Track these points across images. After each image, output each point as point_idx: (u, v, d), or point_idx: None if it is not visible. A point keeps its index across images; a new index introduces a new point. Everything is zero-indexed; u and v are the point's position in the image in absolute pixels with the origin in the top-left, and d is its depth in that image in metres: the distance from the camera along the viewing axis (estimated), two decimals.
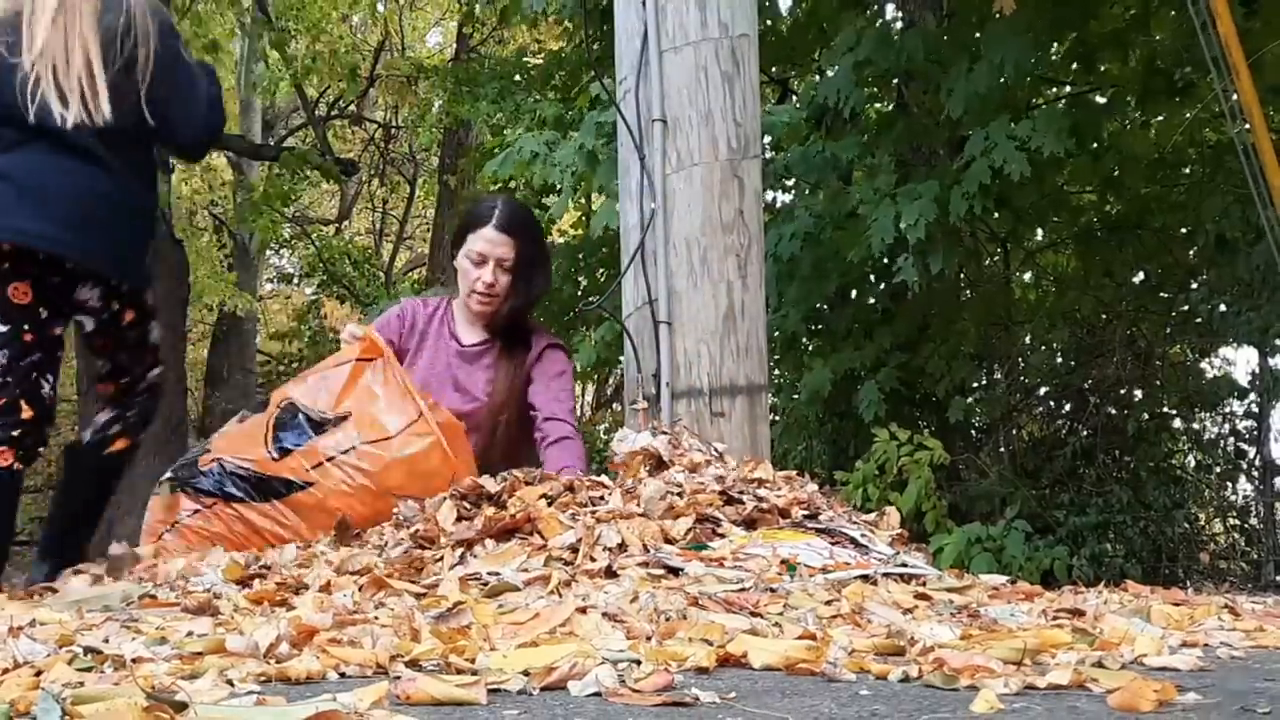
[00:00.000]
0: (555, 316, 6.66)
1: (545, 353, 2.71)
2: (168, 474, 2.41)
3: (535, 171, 5.35)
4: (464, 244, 2.66)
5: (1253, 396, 6.21)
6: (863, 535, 2.14)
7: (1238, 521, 6.38)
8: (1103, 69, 5.82)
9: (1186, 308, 6.17)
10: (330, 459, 2.28)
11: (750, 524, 2.11)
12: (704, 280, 2.61)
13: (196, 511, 2.31)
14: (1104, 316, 6.37)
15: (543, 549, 1.92)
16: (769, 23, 6.08)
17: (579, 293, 6.50)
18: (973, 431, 6.41)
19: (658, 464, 2.30)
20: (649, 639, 1.34)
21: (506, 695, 1.10)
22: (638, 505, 2.08)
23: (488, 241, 2.61)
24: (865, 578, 1.83)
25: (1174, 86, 5.31)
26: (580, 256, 6.54)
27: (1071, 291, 6.71)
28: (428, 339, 2.75)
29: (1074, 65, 5.83)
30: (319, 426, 2.32)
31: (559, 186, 5.44)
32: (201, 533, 2.31)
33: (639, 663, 1.19)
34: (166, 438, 5.42)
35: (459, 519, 2.07)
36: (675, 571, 1.82)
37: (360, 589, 1.72)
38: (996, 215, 5.76)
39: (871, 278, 5.98)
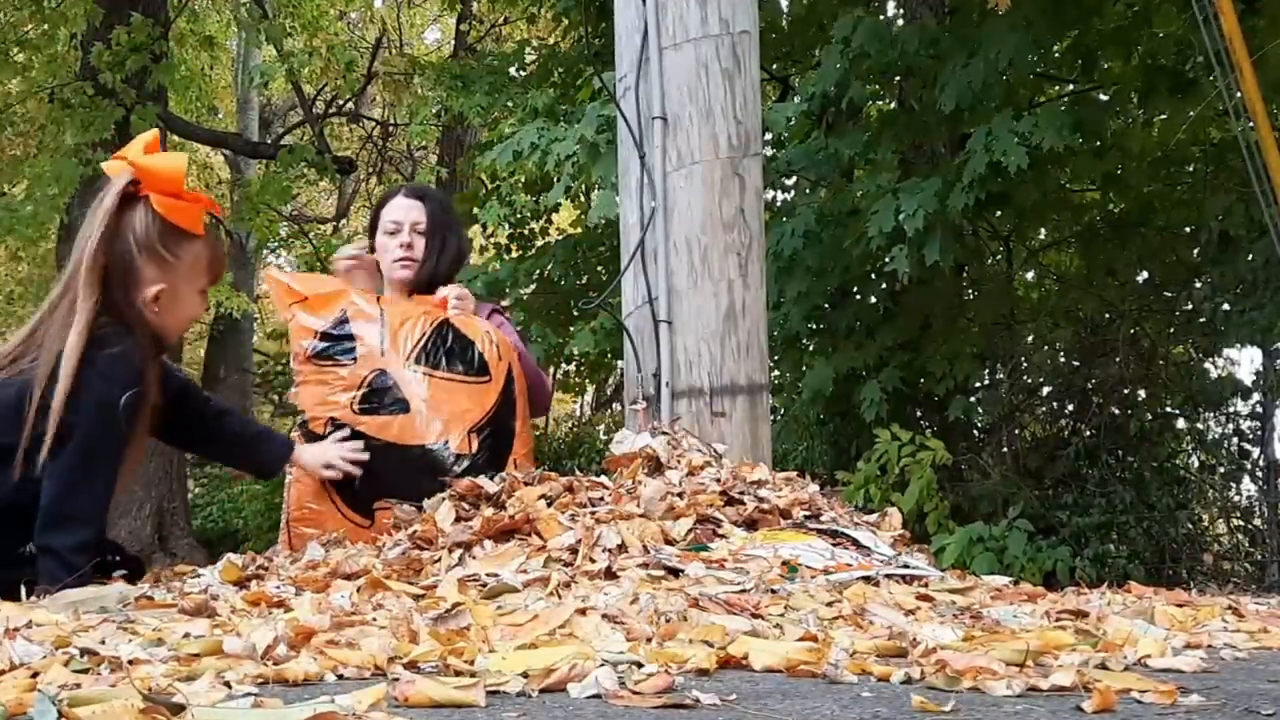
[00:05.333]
0: (554, 313, 6.64)
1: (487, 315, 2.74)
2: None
3: (533, 161, 5.31)
4: (379, 224, 2.78)
5: (1257, 396, 6.18)
6: (864, 536, 2.13)
7: (1241, 522, 6.36)
8: (1105, 66, 5.80)
9: (1190, 307, 6.15)
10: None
11: (751, 525, 2.10)
12: (704, 279, 2.60)
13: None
14: (1107, 316, 6.35)
15: (542, 550, 1.91)
16: (769, 19, 6.06)
17: (579, 288, 6.48)
18: (975, 431, 6.39)
19: (657, 465, 2.29)
20: (649, 641, 1.33)
21: (505, 697, 1.09)
22: (637, 506, 2.07)
23: (399, 208, 2.74)
24: (867, 579, 1.82)
25: (1177, 84, 5.29)
26: (579, 252, 6.52)
27: (1074, 290, 6.69)
28: None
29: (1077, 63, 5.81)
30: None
31: (556, 178, 5.40)
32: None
33: (639, 665, 1.18)
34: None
35: (457, 520, 2.06)
36: (675, 573, 1.81)
37: (358, 590, 1.71)
38: (999, 214, 5.74)
39: (873, 276, 5.97)
